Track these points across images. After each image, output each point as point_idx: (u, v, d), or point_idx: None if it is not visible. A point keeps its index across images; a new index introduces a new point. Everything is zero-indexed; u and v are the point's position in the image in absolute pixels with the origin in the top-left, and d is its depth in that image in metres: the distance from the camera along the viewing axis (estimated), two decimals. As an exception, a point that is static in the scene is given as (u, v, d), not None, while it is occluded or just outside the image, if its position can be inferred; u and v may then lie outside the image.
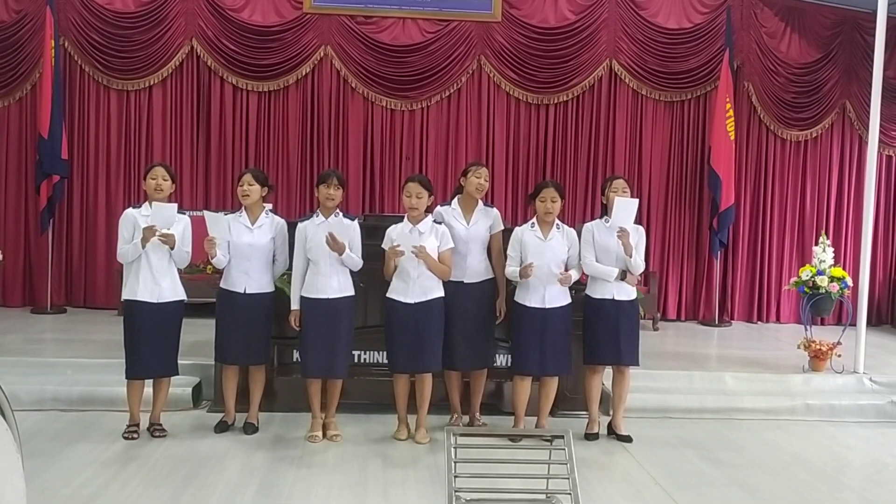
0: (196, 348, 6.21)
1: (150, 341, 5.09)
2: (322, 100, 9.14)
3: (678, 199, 9.53)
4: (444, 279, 5.24)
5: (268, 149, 9.13)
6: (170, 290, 5.15)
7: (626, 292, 5.38)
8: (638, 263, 5.31)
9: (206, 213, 5.24)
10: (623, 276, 5.32)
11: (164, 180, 5.19)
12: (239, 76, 8.97)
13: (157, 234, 4.99)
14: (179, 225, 5.16)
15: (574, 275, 5.28)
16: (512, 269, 5.26)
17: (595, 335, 5.40)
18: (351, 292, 5.25)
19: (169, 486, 4.42)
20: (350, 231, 5.20)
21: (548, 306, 5.25)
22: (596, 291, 5.41)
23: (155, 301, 5.09)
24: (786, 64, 9.40)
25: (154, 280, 5.09)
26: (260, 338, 5.34)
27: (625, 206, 5.22)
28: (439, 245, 5.18)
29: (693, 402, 6.26)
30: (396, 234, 5.20)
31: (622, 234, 5.21)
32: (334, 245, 5.04)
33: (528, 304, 5.28)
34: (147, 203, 5.21)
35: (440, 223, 5.27)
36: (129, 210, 5.24)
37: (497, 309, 5.50)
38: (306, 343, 5.21)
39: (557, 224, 5.33)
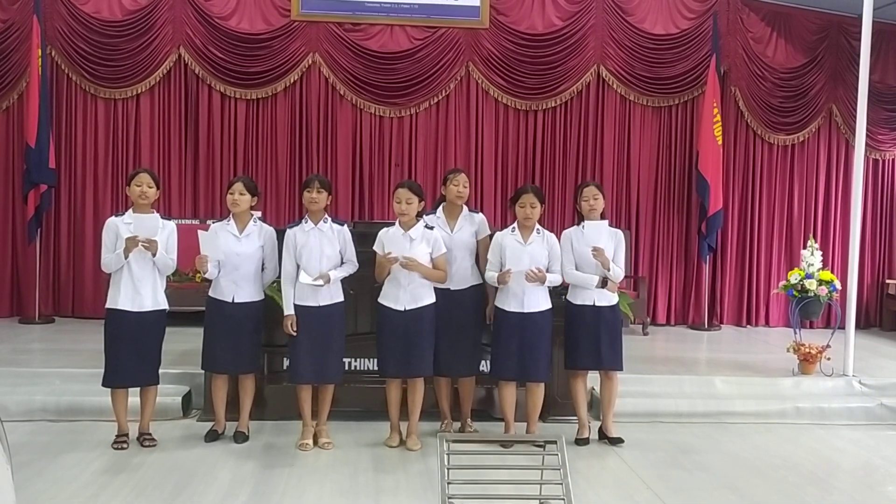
0: (185, 357, 6.18)
1: (129, 350, 5.05)
2: (310, 107, 9.14)
3: (667, 203, 9.57)
4: (440, 283, 5.23)
5: (256, 157, 9.11)
6: (150, 299, 5.10)
7: (607, 298, 5.39)
8: (617, 273, 5.34)
9: (200, 233, 5.18)
10: (604, 283, 5.33)
11: (150, 187, 5.13)
12: (227, 84, 8.96)
13: (141, 242, 4.96)
14: (164, 232, 5.12)
15: (551, 279, 5.27)
16: (491, 275, 5.26)
17: (576, 341, 5.41)
18: (341, 298, 5.25)
19: (159, 495, 4.39)
20: (341, 237, 5.21)
21: (526, 311, 5.24)
22: (577, 297, 5.42)
23: (135, 310, 5.05)
24: (772, 69, 9.46)
25: (135, 289, 5.04)
26: (248, 347, 5.31)
27: (595, 230, 5.33)
28: (431, 251, 5.17)
29: (683, 406, 6.27)
30: (388, 239, 5.19)
31: (597, 253, 5.24)
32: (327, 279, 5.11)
33: (507, 308, 5.27)
34: (130, 210, 5.17)
35: (432, 228, 5.25)
36: (112, 219, 5.19)
37: (486, 315, 5.50)
38: (298, 349, 5.18)
39: (538, 229, 5.33)
